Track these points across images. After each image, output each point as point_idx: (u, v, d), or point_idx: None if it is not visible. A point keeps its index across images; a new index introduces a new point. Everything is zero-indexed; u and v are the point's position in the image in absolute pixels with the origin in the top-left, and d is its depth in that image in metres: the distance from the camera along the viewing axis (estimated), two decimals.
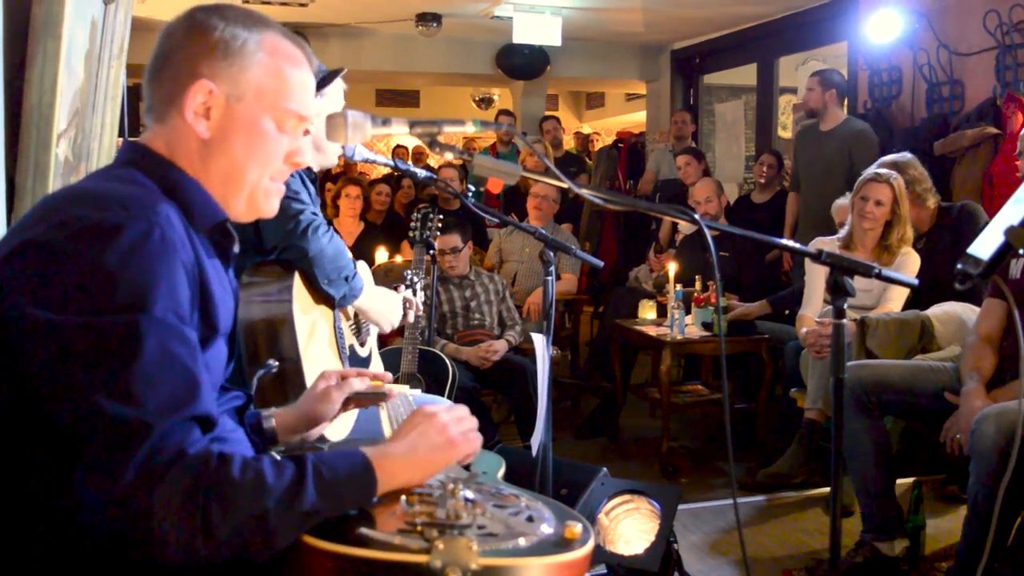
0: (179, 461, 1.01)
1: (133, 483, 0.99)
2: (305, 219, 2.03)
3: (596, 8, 6.95)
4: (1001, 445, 2.29)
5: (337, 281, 2.10)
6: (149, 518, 0.98)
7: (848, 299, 1.47)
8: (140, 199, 1.12)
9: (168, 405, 1.03)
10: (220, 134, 1.22)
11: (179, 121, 1.21)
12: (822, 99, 4.89)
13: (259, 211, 1.30)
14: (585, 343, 5.69)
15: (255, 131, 1.24)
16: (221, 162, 1.23)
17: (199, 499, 1.00)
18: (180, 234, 1.12)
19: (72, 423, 1.02)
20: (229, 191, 1.26)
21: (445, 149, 1.44)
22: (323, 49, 7.61)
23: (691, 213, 1.50)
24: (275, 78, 1.24)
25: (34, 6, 2.04)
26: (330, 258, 2.06)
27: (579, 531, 1.14)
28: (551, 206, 5.08)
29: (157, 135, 1.23)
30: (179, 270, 1.09)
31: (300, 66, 1.28)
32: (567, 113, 13.26)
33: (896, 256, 3.52)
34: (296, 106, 1.27)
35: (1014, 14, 4.55)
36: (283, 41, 1.27)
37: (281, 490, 1.04)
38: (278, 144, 1.27)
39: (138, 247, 1.06)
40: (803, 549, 3.06)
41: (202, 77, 1.20)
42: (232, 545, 1.01)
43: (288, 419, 1.53)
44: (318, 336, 2.08)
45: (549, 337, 2.13)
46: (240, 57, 1.22)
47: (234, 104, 1.22)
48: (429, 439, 1.25)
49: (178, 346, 1.06)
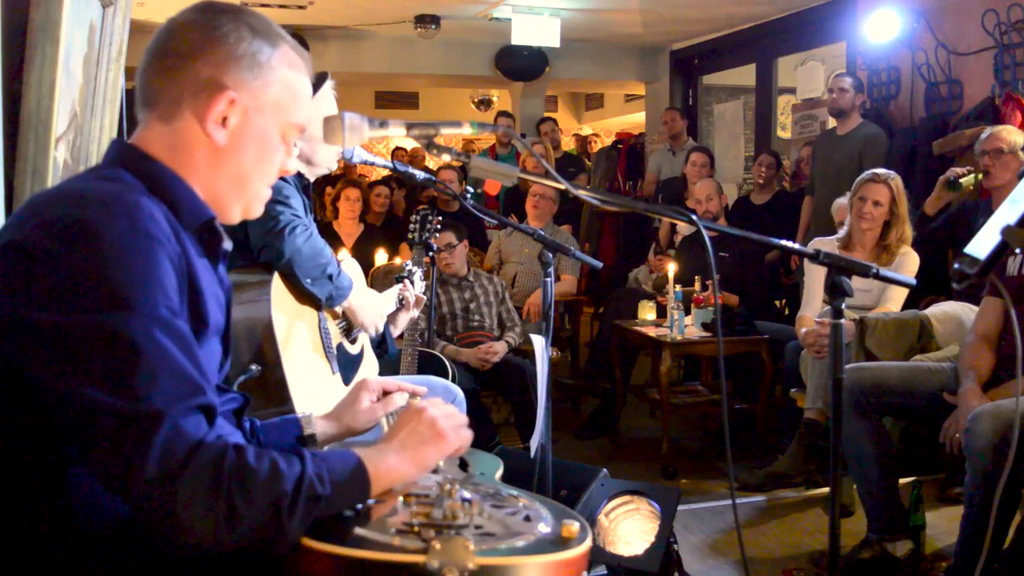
0: (199, 450, 1.02)
1: (156, 475, 0.99)
2: (284, 220, 2.07)
3: (595, 9, 6.95)
4: (995, 443, 2.29)
5: (320, 279, 2.11)
6: (174, 508, 0.99)
7: (847, 299, 1.48)
8: (121, 196, 1.11)
9: (173, 396, 1.03)
10: (234, 143, 1.23)
11: (190, 125, 1.21)
12: (852, 102, 4.92)
13: (249, 216, 1.32)
14: (585, 344, 5.69)
15: (266, 143, 1.26)
16: (231, 170, 1.24)
17: (223, 488, 1.01)
18: (165, 230, 1.11)
19: (76, 424, 1.02)
20: (231, 197, 1.27)
21: (442, 151, 1.44)
22: (322, 51, 7.62)
23: (689, 214, 1.50)
24: (290, 93, 1.27)
25: (32, 9, 2.04)
26: (308, 257, 2.08)
27: (576, 530, 1.15)
28: (549, 206, 5.08)
29: (158, 134, 1.22)
30: (165, 263, 1.09)
31: (306, 79, 1.31)
32: (566, 114, 13.27)
33: (895, 256, 3.53)
34: (301, 120, 1.30)
35: (1012, 13, 4.55)
36: (294, 55, 1.29)
37: (293, 478, 1.06)
38: (280, 155, 1.30)
39: (122, 243, 1.05)
40: (803, 549, 3.06)
41: (228, 88, 1.20)
42: (253, 532, 1.03)
43: (327, 428, 1.57)
44: (300, 338, 2.08)
45: (548, 338, 2.13)
46: (265, 72, 1.23)
47: (253, 116, 1.23)
48: (419, 434, 1.28)
49: (174, 339, 1.06)
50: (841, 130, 4.99)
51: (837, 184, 4.74)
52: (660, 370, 4.01)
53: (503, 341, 4.15)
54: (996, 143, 3.60)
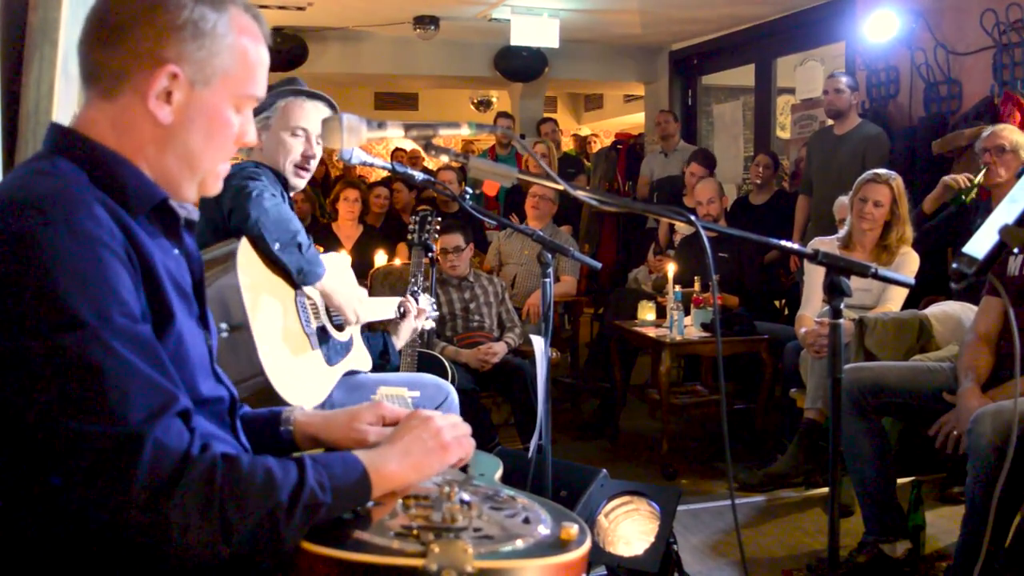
0: (187, 466, 0.99)
1: (145, 498, 0.96)
2: (252, 186, 2.11)
3: (594, 10, 6.95)
4: (997, 444, 2.29)
5: (289, 246, 2.11)
6: (168, 529, 0.97)
7: (846, 299, 1.48)
8: (56, 196, 1.04)
9: (149, 411, 0.99)
10: (180, 119, 1.14)
11: (133, 102, 1.13)
12: (849, 101, 4.91)
13: (207, 193, 1.25)
14: (585, 344, 5.69)
15: (217, 118, 1.17)
16: (179, 148, 1.16)
17: (216, 501, 0.99)
18: (107, 225, 1.04)
19: (55, 452, 0.97)
20: (182, 176, 1.19)
21: (441, 152, 1.44)
22: (322, 52, 7.62)
23: (687, 215, 1.49)
24: (241, 62, 1.18)
25: (31, 12, 2.04)
26: (274, 220, 2.09)
27: (575, 532, 1.14)
28: (549, 206, 5.08)
29: (102, 113, 1.14)
30: (113, 265, 1.02)
31: (262, 45, 1.22)
32: (566, 115, 13.26)
33: (895, 256, 3.53)
34: (257, 90, 1.22)
35: (1011, 13, 4.56)
36: (247, 18, 1.19)
37: (289, 487, 1.04)
38: (234, 129, 1.21)
39: (62, 253, 0.99)
40: (803, 549, 3.06)
41: (169, 61, 1.11)
42: (249, 543, 1.01)
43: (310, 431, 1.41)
44: (272, 305, 2.10)
45: (547, 339, 2.13)
46: (210, 40, 1.14)
47: (200, 90, 1.14)
48: (423, 443, 1.25)
49: (136, 347, 1.01)
50: (839, 130, 4.98)
51: (839, 184, 4.74)
52: (660, 370, 4.01)
53: (503, 342, 4.15)
54: (998, 140, 3.60)
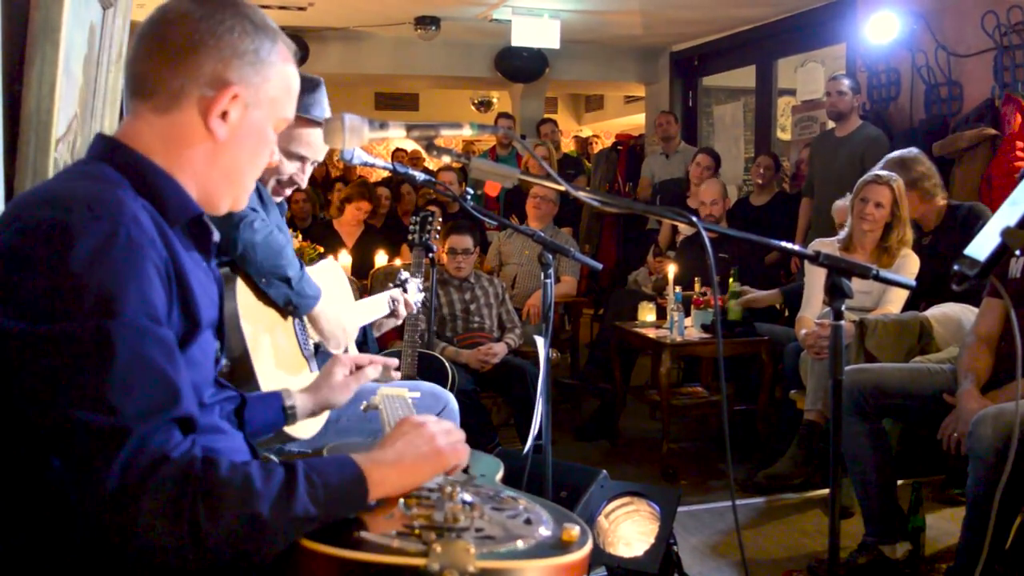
0: (162, 465, 0.99)
1: (116, 490, 0.97)
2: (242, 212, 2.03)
3: (595, 11, 6.95)
4: (998, 446, 2.29)
5: (273, 282, 2.04)
6: (135, 525, 0.97)
7: (847, 300, 1.47)
8: (105, 198, 1.08)
9: (145, 410, 1.01)
10: (233, 138, 1.23)
11: (191, 118, 1.20)
12: (851, 103, 4.91)
13: (236, 208, 1.32)
14: (585, 345, 5.69)
15: (262, 138, 1.27)
16: (226, 164, 1.24)
17: (186, 504, 0.98)
18: (149, 232, 1.09)
19: (51, 432, 1.00)
20: (223, 190, 1.27)
21: (442, 152, 1.44)
22: (322, 53, 7.62)
23: (689, 216, 1.49)
24: (285, 89, 1.28)
25: (32, 11, 2.04)
26: (262, 254, 2.01)
27: (577, 533, 1.14)
28: (550, 207, 5.08)
29: (151, 126, 1.20)
30: (149, 270, 1.06)
31: (296, 71, 1.32)
32: (566, 116, 13.27)
33: (896, 258, 3.52)
34: (290, 113, 1.32)
35: (1012, 15, 4.56)
36: (288, 49, 1.29)
37: (271, 494, 1.03)
38: (271, 148, 1.31)
39: (103, 249, 1.03)
40: (803, 550, 3.06)
41: (232, 84, 1.20)
42: (222, 551, 1.00)
43: (306, 403, 1.67)
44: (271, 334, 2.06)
45: (547, 339, 2.13)
46: (266, 68, 1.24)
47: (252, 111, 1.24)
48: (417, 448, 1.24)
49: (152, 349, 1.04)
50: (840, 132, 4.99)
51: (840, 186, 4.74)
52: (660, 371, 4.01)
53: (503, 342, 4.15)
54: None
